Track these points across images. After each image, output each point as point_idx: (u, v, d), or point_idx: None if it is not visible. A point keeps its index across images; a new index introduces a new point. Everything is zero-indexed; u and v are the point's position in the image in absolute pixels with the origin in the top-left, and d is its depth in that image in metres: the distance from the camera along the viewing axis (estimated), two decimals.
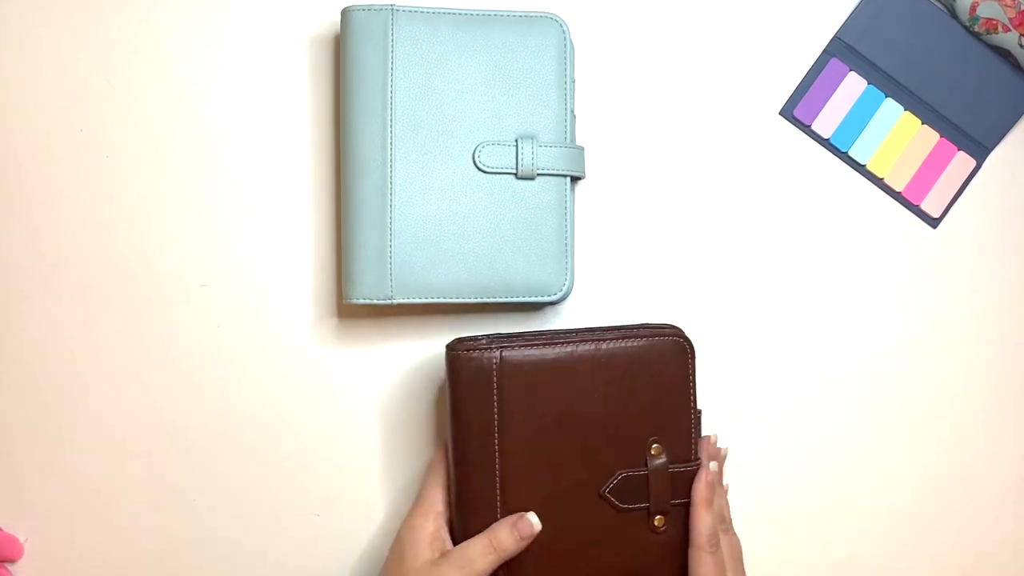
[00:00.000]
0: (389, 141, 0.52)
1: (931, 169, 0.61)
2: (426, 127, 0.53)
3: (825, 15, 0.60)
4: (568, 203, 0.54)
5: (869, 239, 0.61)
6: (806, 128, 0.60)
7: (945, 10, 0.60)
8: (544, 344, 0.49)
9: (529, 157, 0.53)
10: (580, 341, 0.49)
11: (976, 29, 0.59)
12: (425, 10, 0.53)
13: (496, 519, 0.49)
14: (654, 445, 0.50)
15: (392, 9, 0.53)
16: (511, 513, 0.49)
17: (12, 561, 0.55)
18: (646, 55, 0.59)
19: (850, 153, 0.60)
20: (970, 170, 0.61)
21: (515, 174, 0.53)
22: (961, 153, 0.61)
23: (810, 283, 0.60)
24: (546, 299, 0.54)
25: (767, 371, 0.60)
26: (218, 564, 0.55)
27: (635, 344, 0.49)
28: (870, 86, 0.60)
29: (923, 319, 0.61)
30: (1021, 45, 0.59)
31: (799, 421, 0.60)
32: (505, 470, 0.49)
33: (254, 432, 0.56)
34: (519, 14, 0.54)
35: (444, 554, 0.48)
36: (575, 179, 0.56)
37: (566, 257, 0.54)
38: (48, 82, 0.55)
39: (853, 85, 0.60)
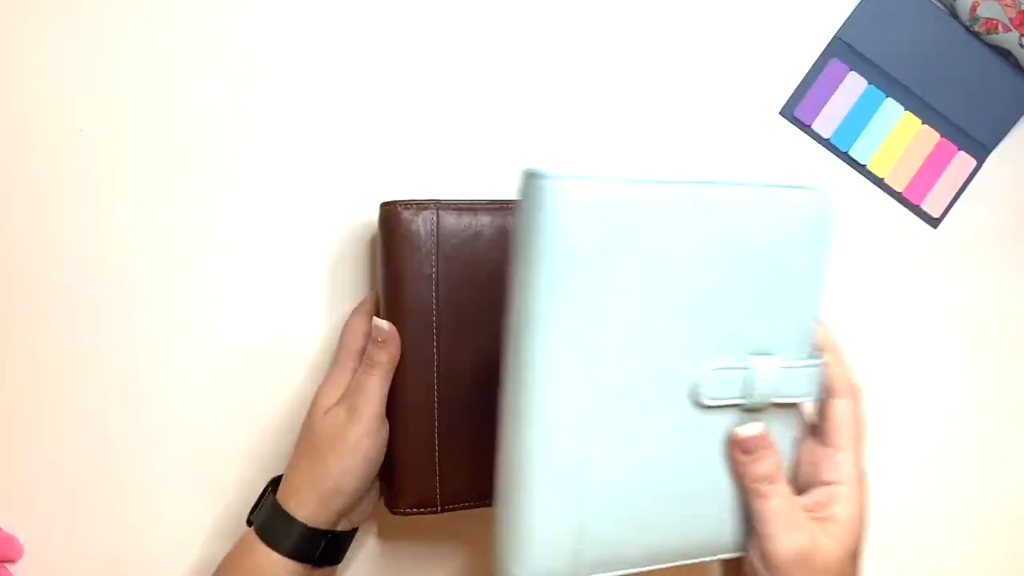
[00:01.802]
0: (595, 376, 0.37)
1: (931, 169, 0.61)
2: (637, 352, 0.38)
3: (825, 15, 0.60)
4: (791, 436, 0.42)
5: (869, 239, 0.61)
6: (806, 128, 0.60)
7: (945, 10, 0.60)
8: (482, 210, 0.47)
9: (767, 383, 0.39)
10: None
11: (976, 29, 0.59)
12: (625, 179, 0.38)
13: (433, 382, 0.48)
14: None
15: (593, 179, 0.37)
16: (450, 375, 0.48)
17: (12, 561, 0.55)
18: (646, 55, 0.59)
19: (850, 153, 0.60)
20: (970, 170, 0.61)
21: (741, 406, 0.40)
22: (961, 153, 0.61)
23: None
24: (736, 555, 0.42)
25: None
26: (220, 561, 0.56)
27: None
28: (870, 86, 0.60)
29: (923, 319, 0.61)
30: (1021, 45, 0.59)
31: None
32: (442, 330, 0.47)
33: (254, 432, 0.56)
34: (767, 185, 0.39)
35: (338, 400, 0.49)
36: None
37: None
38: (48, 82, 0.55)
39: (853, 85, 0.60)
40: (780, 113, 0.60)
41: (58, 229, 0.55)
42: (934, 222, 0.61)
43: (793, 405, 0.42)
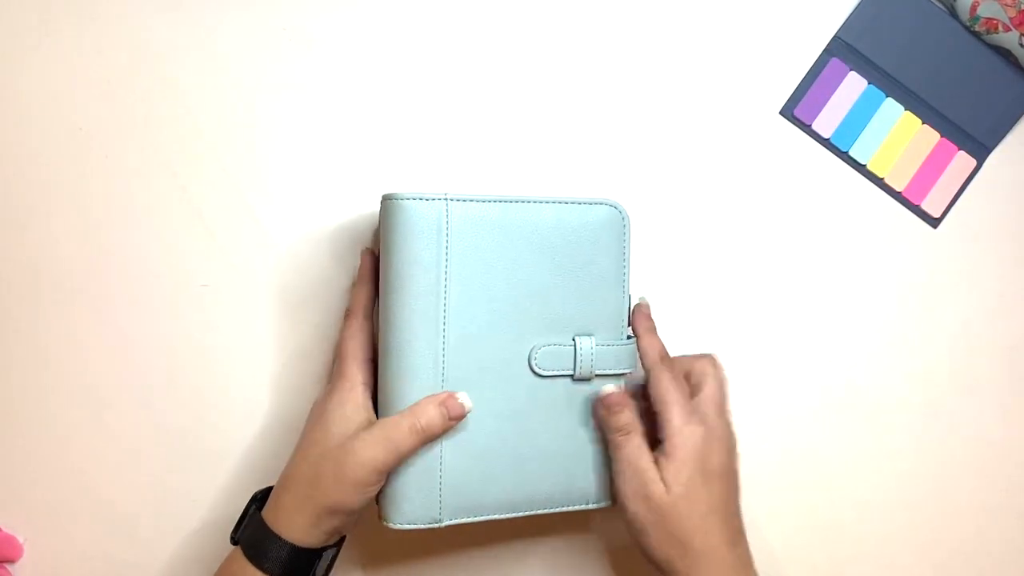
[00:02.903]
0: (441, 350, 0.47)
1: (931, 169, 0.61)
2: (481, 330, 0.48)
3: (825, 15, 0.60)
4: None
5: (869, 239, 0.61)
6: (806, 128, 0.60)
7: (945, 10, 0.60)
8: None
9: (588, 358, 0.50)
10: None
11: (976, 29, 0.59)
12: (479, 199, 0.48)
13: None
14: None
15: (447, 199, 0.47)
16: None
17: (12, 561, 0.55)
18: (646, 55, 0.59)
19: (851, 153, 0.60)
20: (971, 170, 0.61)
21: (572, 376, 0.50)
22: (961, 153, 0.61)
23: (810, 283, 0.60)
24: (597, 505, 0.51)
25: (766, 370, 0.60)
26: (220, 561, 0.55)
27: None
28: (870, 86, 0.60)
29: (923, 319, 0.61)
30: (1021, 45, 0.59)
31: (798, 420, 0.60)
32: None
33: (254, 433, 0.56)
34: (576, 201, 0.50)
35: (365, 430, 0.47)
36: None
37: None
38: (48, 82, 0.55)
39: (853, 85, 0.60)
40: (780, 113, 0.60)
41: (58, 229, 0.55)
42: (934, 222, 0.61)
43: (616, 375, 0.51)
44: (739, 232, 0.60)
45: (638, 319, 0.53)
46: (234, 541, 0.49)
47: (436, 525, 0.48)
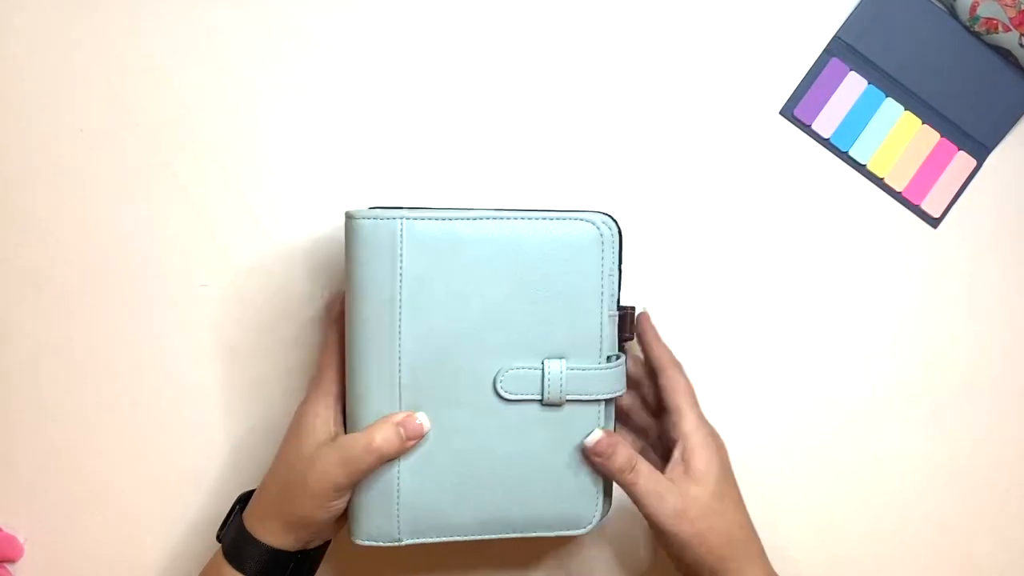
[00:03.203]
0: (396, 370, 0.47)
1: (931, 169, 0.61)
2: (440, 352, 0.47)
3: (825, 15, 0.60)
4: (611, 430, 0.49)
5: (869, 239, 0.61)
6: (806, 128, 0.60)
7: (945, 10, 0.60)
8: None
9: (557, 383, 0.47)
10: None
11: (976, 29, 0.59)
12: (438, 216, 0.46)
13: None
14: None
15: (402, 219, 0.46)
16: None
17: (12, 561, 0.55)
18: (646, 55, 0.59)
19: (850, 153, 0.60)
20: (971, 170, 0.61)
21: (540, 401, 0.48)
22: (961, 153, 0.61)
23: (810, 283, 0.60)
24: (575, 532, 0.49)
25: (766, 370, 0.60)
26: None
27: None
28: (870, 86, 0.60)
29: (923, 319, 0.61)
30: (1021, 45, 0.59)
31: (798, 419, 0.60)
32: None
33: (254, 433, 0.56)
34: (552, 216, 0.47)
35: (328, 443, 0.47)
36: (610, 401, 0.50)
37: (596, 486, 0.49)
38: (48, 82, 0.55)
39: (853, 85, 0.60)
40: (780, 113, 0.60)
41: (58, 229, 0.55)
42: (934, 222, 0.61)
43: (590, 401, 0.48)
44: (739, 233, 0.60)
45: (644, 328, 0.54)
46: (220, 539, 0.49)
47: (396, 544, 0.48)
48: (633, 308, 0.52)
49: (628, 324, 0.50)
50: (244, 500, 0.50)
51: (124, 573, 0.56)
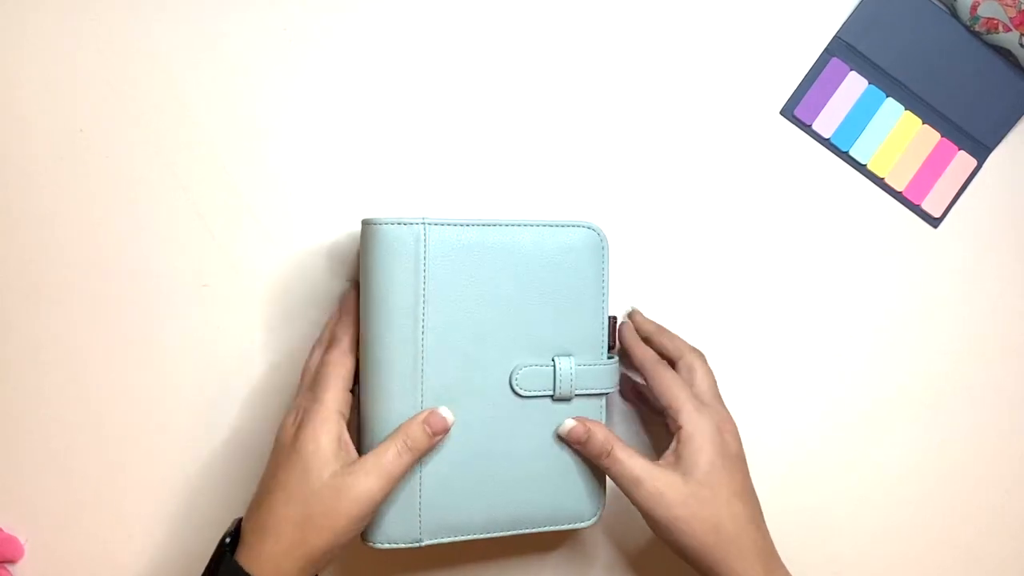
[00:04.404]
0: (420, 371, 0.48)
1: (932, 169, 0.61)
2: (460, 352, 0.49)
3: (826, 15, 0.60)
4: (602, 422, 0.52)
5: (870, 239, 0.61)
6: (807, 128, 0.60)
7: (946, 10, 0.60)
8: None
9: (568, 378, 0.50)
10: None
11: (977, 29, 0.59)
12: (457, 223, 0.49)
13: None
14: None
15: (424, 224, 0.48)
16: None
17: (12, 561, 0.55)
18: (646, 55, 0.59)
19: (851, 153, 0.60)
20: (971, 170, 0.61)
21: (551, 396, 0.50)
22: (962, 153, 0.61)
23: (810, 283, 0.60)
24: (580, 525, 0.52)
25: (766, 369, 0.60)
26: None
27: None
28: (871, 86, 0.60)
29: (923, 318, 0.61)
30: (1021, 45, 0.59)
31: (798, 419, 0.60)
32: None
33: (253, 432, 0.56)
34: (553, 224, 0.50)
35: (353, 463, 0.45)
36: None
37: (599, 477, 0.52)
38: (48, 82, 0.55)
39: (854, 85, 0.60)
40: (780, 113, 0.60)
41: (57, 229, 0.55)
42: (934, 222, 0.61)
43: (597, 395, 0.51)
44: (739, 232, 0.60)
45: (624, 332, 0.55)
46: None
47: (416, 544, 0.48)
48: (615, 317, 0.54)
49: (612, 332, 0.53)
50: (228, 544, 0.45)
51: (124, 574, 0.56)
